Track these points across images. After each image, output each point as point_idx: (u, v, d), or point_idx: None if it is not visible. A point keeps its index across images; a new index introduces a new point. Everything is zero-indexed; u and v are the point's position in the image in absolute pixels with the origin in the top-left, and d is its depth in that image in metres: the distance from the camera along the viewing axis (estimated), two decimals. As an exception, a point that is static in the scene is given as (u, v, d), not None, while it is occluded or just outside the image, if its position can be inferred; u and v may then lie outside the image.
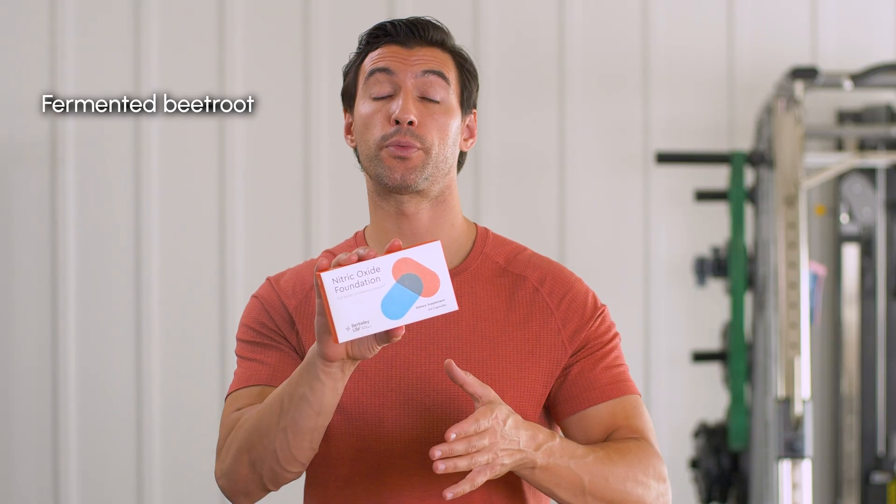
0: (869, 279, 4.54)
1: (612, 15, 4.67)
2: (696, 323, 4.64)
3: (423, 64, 1.97)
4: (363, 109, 1.99)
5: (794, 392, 3.71)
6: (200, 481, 4.56)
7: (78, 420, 4.57)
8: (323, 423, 1.84)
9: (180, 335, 4.59)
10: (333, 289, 1.71)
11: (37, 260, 4.57)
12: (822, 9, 4.68)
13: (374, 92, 1.98)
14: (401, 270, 1.73)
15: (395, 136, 1.95)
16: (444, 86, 1.97)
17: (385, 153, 1.96)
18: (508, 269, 2.01)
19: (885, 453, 4.51)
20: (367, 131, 1.98)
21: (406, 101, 1.95)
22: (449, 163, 1.98)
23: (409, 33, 1.99)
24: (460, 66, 2.01)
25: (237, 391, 1.99)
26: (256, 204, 4.60)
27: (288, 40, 4.61)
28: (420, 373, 1.94)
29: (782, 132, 3.96)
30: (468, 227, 2.05)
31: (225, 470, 1.92)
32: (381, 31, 2.00)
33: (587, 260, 4.53)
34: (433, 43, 2.00)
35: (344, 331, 1.71)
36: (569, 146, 4.64)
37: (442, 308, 1.74)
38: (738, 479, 4.26)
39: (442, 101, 1.97)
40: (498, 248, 2.04)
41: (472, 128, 2.05)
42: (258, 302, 2.04)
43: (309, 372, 1.80)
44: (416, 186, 1.96)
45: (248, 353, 2.02)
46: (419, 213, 2.00)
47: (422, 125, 1.95)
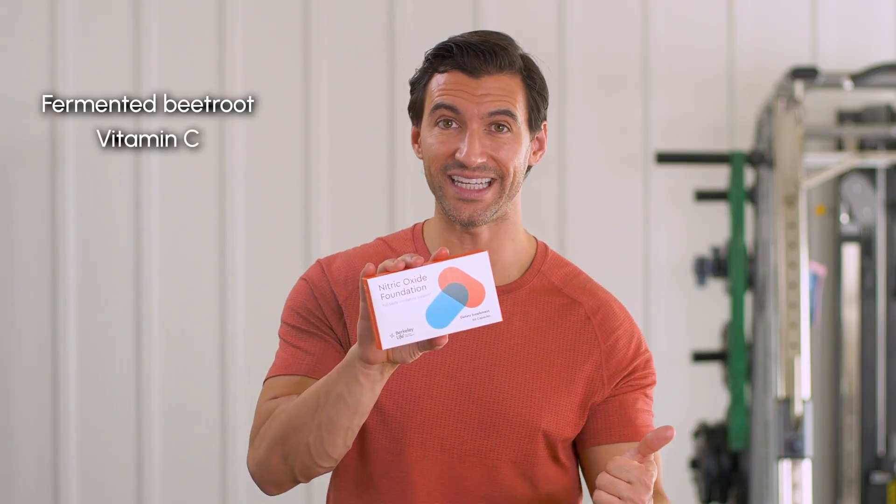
0: (869, 279, 4.54)
1: (612, 15, 4.67)
2: (696, 323, 4.64)
3: (490, 102, 1.92)
4: (429, 138, 1.95)
5: (794, 392, 3.71)
6: (200, 481, 4.56)
7: (78, 420, 4.57)
8: (358, 423, 1.84)
9: (180, 335, 4.59)
10: (379, 295, 1.70)
11: (37, 260, 4.57)
12: (822, 9, 4.68)
13: (440, 122, 1.94)
14: (447, 280, 1.73)
15: (458, 168, 1.92)
16: (512, 119, 1.94)
17: (451, 192, 1.93)
18: (563, 290, 2.01)
19: (885, 453, 4.51)
20: (431, 161, 1.95)
21: (472, 142, 1.91)
22: (518, 186, 1.97)
23: (475, 59, 1.93)
24: (529, 88, 1.97)
25: (276, 377, 1.97)
26: (256, 204, 4.60)
27: (288, 40, 4.61)
28: (462, 383, 1.94)
29: (782, 132, 3.96)
30: (529, 243, 2.04)
31: (258, 459, 1.92)
32: (446, 51, 1.94)
33: (587, 260, 4.52)
34: (501, 69, 1.95)
35: (388, 338, 1.71)
36: (569, 146, 4.64)
37: (486, 319, 1.74)
38: (738, 479, 4.26)
39: (511, 131, 1.94)
40: (555, 267, 2.03)
41: (542, 140, 2.03)
42: (307, 286, 2.01)
43: (347, 372, 1.80)
44: (484, 222, 1.95)
45: (292, 339, 1.99)
46: (482, 232, 1.98)
47: (492, 159, 1.93)
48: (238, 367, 4.57)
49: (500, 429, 1.93)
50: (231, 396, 4.57)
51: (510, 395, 1.94)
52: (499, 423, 1.93)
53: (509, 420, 1.93)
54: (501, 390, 1.94)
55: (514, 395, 1.93)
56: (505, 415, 1.93)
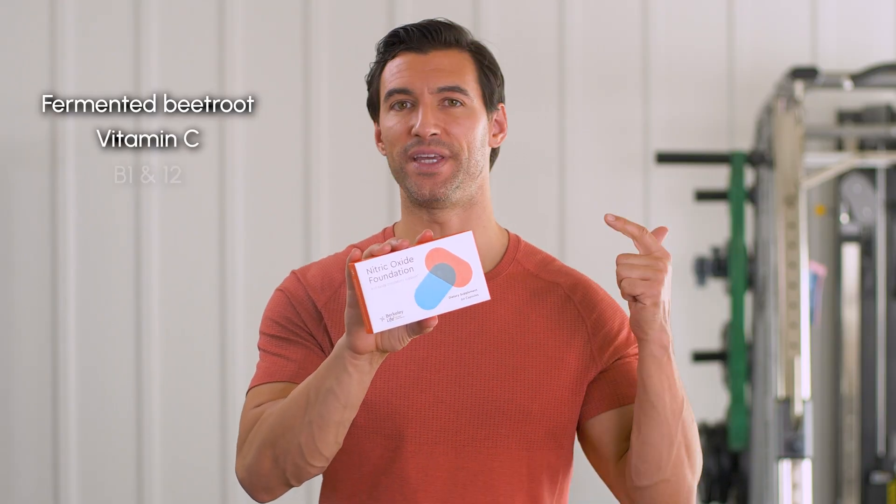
0: (869, 279, 4.54)
1: (612, 15, 4.67)
2: (696, 323, 4.64)
3: (439, 77, 1.95)
4: (387, 122, 1.99)
5: (794, 392, 3.71)
6: (200, 481, 4.56)
7: (78, 420, 4.57)
8: (349, 417, 1.83)
9: (180, 335, 4.59)
10: (367, 279, 1.70)
11: (37, 260, 4.57)
12: (822, 9, 4.68)
13: (394, 104, 1.98)
14: (433, 260, 1.73)
15: (418, 146, 1.94)
16: (464, 94, 1.96)
17: (411, 168, 1.95)
18: (540, 275, 2.02)
19: (885, 453, 4.51)
20: (391, 145, 1.98)
21: (425, 113, 1.94)
22: (479, 166, 1.98)
23: (422, 38, 1.97)
24: (479, 64, 1.99)
25: (259, 386, 1.97)
26: (256, 204, 4.60)
27: (288, 40, 4.61)
28: (451, 374, 1.94)
29: (782, 132, 3.96)
30: (500, 233, 2.06)
31: (247, 465, 1.91)
32: (395, 38, 1.99)
33: (587, 260, 4.53)
34: (448, 44, 1.98)
35: (378, 321, 1.71)
36: (569, 146, 4.64)
37: (475, 298, 1.74)
38: (738, 479, 4.26)
39: (464, 105, 1.96)
40: (529, 255, 2.04)
41: (501, 122, 2.04)
42: (284, 296, 2.01)
43: (336, 365, 1.80)
44: (446, 199, 1.96)
45: (273, 348, 1.99)
46: (451, 218, 1.99)
47: (446, 132, 1.94)
48: (238, 367, 4.57)
49: (493, 416, 1.93)
50: (231, 396, 4.57)
51: (500, 382, 1.94)
52: (491, 411, 1.93)
53: (501, 407, 1.93)
54: (490, 378, 1.94)
55: (503, 381, 1.93)
56: (496, 402, 1.93)
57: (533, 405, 1.94)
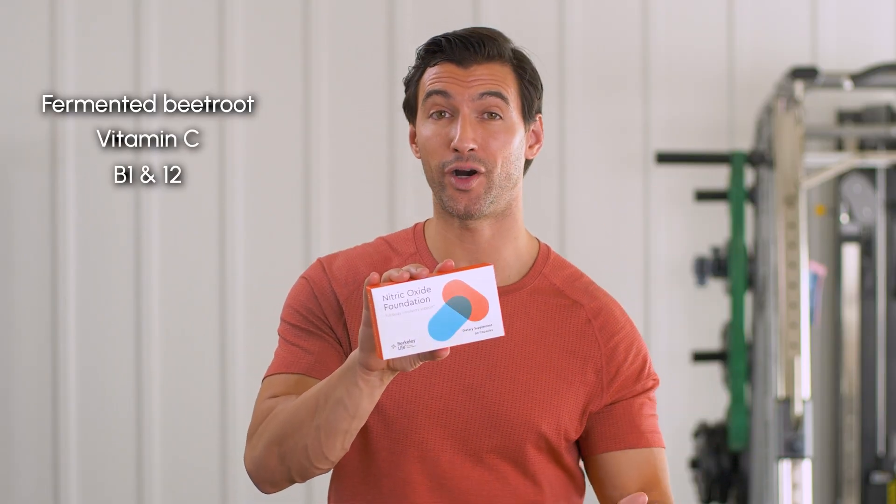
0: (869, 279, 4.54)
1: (612, 15, 4.67)
2: (696, 323, 4.64)
3: (480, 85, 1.94)
4: (424, 131, 1.95)
5: (794, 392, 3.71)
6: (200, 481, 4.56)
7: (78, 420, 4.57)
8: (357, 426, 1.83)
9: (180, 335, 4.59)
10: (382, 306, 1.69)
11: (37, 260, 4.57)
12: (822, 9, 4.68)
13: (433, 113, 1.95)
14: (451, 292, 1.72)
15: (456, 162, 1.92)
16: (503, 105, 1.94)
17: (447, 182, 1.93)
18: (565, 292, 2.00)
19: (885, 453, 4.51)
20: (428, 155, 1.95)
21: (464, 127, 1.92)
22: (513, 179, 1.96)
23: (464, 50, 1.94)
24: (520, 77, 1.98)
25: (275, 375, 1.97)
26: (256, 204, 4.60)
27: (288, 40, 4.61)
28: (463, 384, 1.94)
29: (782, 132, 3.96)
30: (530, 243, 2.04)
31: (254, 457, 1.91)
32: (436, 46, 1.96)
33: (587, 260, 4.53)
34: (490, 58, 1.96)
35: (389, 348, 1.70)
36: (569, 146, 4.64)
37: (488, 333, 1.73)
38: (738, 479, 4.26)
39: (503, 119, 1.94)
40: (557, 269, 2.02)
41: (538, 133, 2.03)
42: (308, 285, 2.00)
43: (347, 377, 1.79)
44: (480, 213, 1.94)
45: (292, 338, 1.98)
46: (482, 228, 1.97)
47: (483, 148, 1.93)
48: (238, 367, 4.57)
49: (502, 429, 1.93)
50: (231, 396, 4.57)
51: (511, 396, 1.93)
52: (500, 424, 1.93)
53: (510, 421, 1.93)
54: (502, 391, 1.93)
55: (515, 395, 1.93)
56: (506, 415, 1.93)
57: (541, 423, 1.94)
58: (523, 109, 1.98)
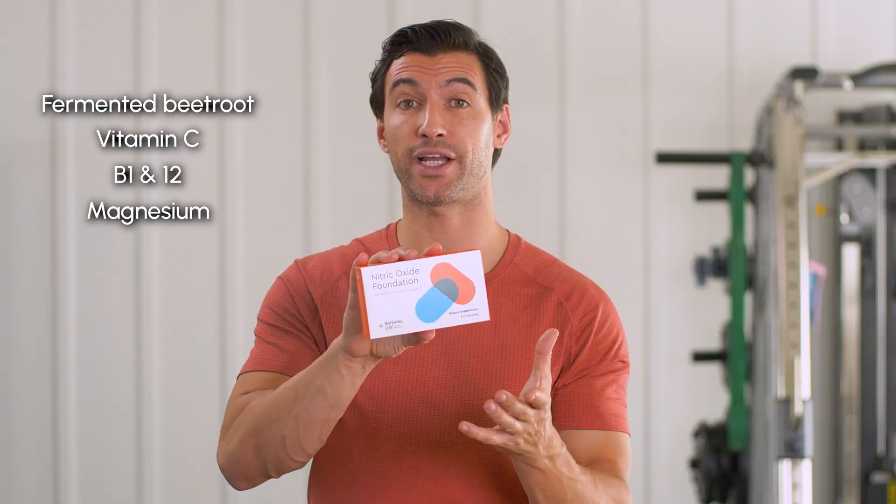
0: (869, 279, 4.54)
1: (612, 15, 4.67)
2: (696, 323, 4.64)
3: (447, 72, 1.95)
4: (392, 121, 1.97)
5: (794, 392, 3.71)
6: (200, 480, 4.56)
7: (78, 418, 4.57)
8: (335, 416, 1.84)
9: (180, 334, 4.59)
10: (371, 285, 1.71)
11: (37, 260, 4.57)
12: (822, 9, 4.68)
13: (400, 103, 1.96)
14: (439, 275, 1.74)
15: (423, 147, 1.93)
16: (471, 91, 1.95)
17: (416, 170, 1.94)
18: (536, 279, 2.00)
19: (885, 453, 4.51)
20: (396, 144, 1.97)
21: (433, 113, 1.93)
22: (483, 167, 1.97)
23: (430, 40, 1.96)
24: (486, 66, 1.99)
25: (251, 372, 1.98)
26: (256, 204, 4.60)
27: (288, 40, 4.61)
28: (437, 376, 1.94)
29: (782, 132, 3.96)
30: (500, 234, 2.05)
31: (228, 451, 1.92)
32: (402, 37, 1.98)
33: (587, 260, 4.53)
34: (456, 46, 1.97)
35: (377, 328, 1.72)
36: (569, 146, 4.64)
37: (474, 317, 1.75)
38: (738, 479, 4.26)
39: (470, 106, 1.96)
40: (529, 258, 2.03)
41: (505, 123, 2.03)
42: (284, 285, 2.03)
43: (329, 364, 1.81)
44: (450, 199, 1.95)
45: (268, 336, 2.00)
46: (452, 217, 1.99)
47: (452, 134, 1.94)
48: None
49: (477, 420, 1.92)
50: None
51: (486, 386, 1.93)
52: (475, 415, 1.92)
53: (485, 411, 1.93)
54: (477, 381, 1.94)
55: (489, 385, 1.93)
56: (481, 406, 1.92)
57: None
58: (490, 97, 1.99)
